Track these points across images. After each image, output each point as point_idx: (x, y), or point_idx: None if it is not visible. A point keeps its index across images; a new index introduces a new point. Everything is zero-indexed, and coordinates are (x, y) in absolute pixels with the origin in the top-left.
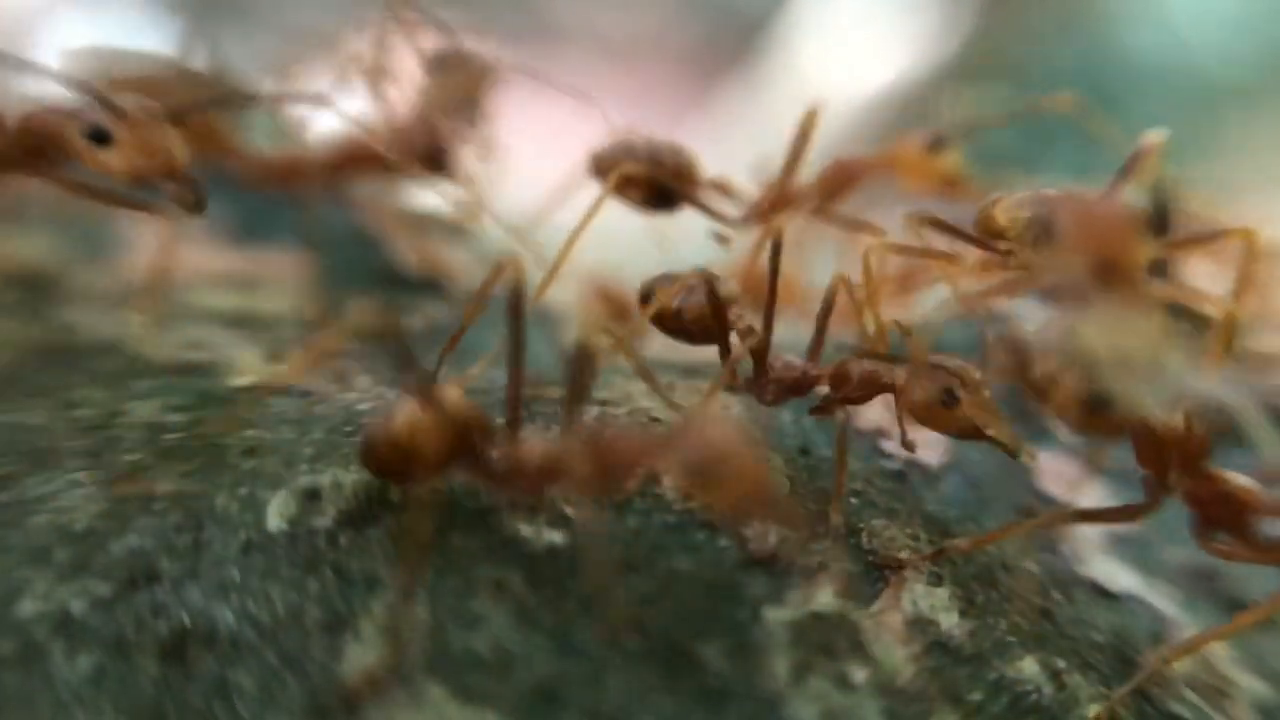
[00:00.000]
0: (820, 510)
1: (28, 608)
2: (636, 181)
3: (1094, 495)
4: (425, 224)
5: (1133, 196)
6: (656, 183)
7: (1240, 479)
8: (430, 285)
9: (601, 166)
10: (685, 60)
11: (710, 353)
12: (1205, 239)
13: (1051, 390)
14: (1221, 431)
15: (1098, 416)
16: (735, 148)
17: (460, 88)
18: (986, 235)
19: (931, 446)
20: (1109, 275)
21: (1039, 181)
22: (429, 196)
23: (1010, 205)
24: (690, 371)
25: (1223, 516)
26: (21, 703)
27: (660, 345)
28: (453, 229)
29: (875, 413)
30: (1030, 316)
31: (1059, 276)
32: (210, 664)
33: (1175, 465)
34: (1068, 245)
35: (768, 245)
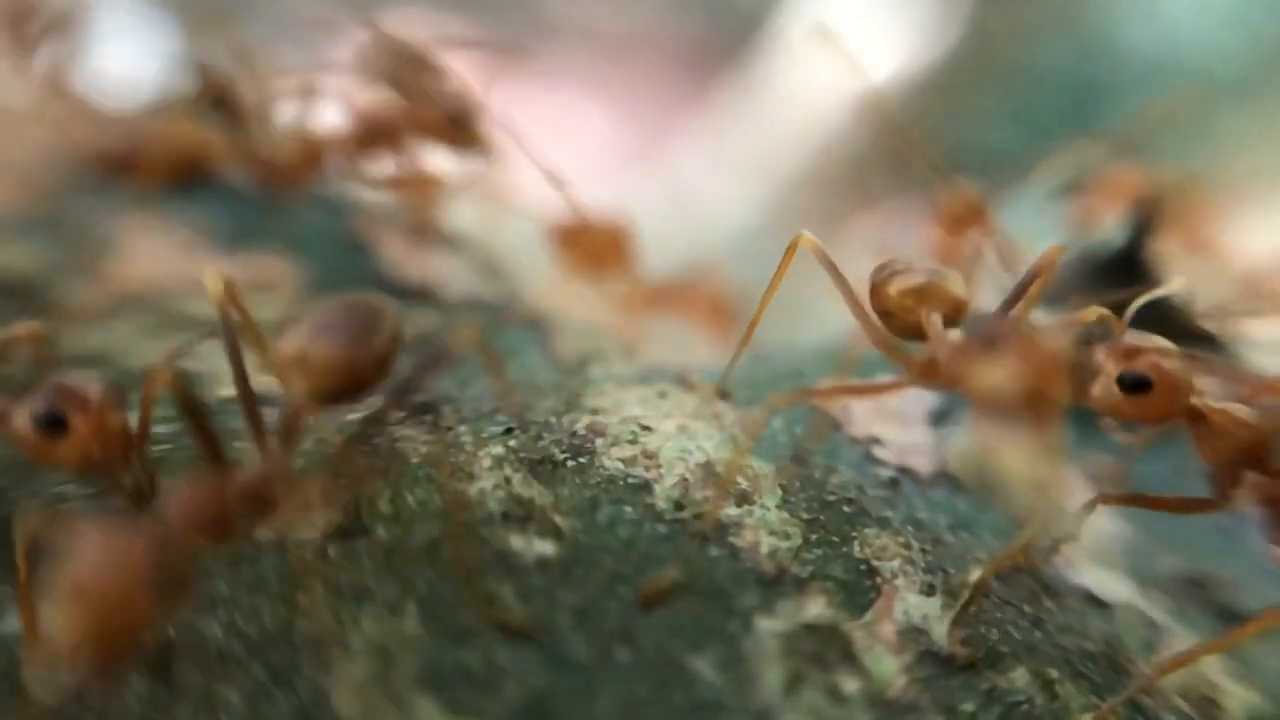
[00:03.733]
0: (813, 518)
1: (12, 624)
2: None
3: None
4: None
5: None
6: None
7: None
8: (422, 293)
9: None
10: (681, 57)
11: (706, 359)
12: None
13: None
14: None
15: (1135, 400)
16: (731, 144)
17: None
18: (876, 305)
19: (924, 454)
20: (1035, 405)
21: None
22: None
23: (903, 286)
24: (683, 380)
25: None
26: None
27: (659, 351)
28: (447, 235)
29: (869, 420)
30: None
31: (993, 396)
32: (197, 679)
33: (1243, 461)
34: (1006, 370)
35: None
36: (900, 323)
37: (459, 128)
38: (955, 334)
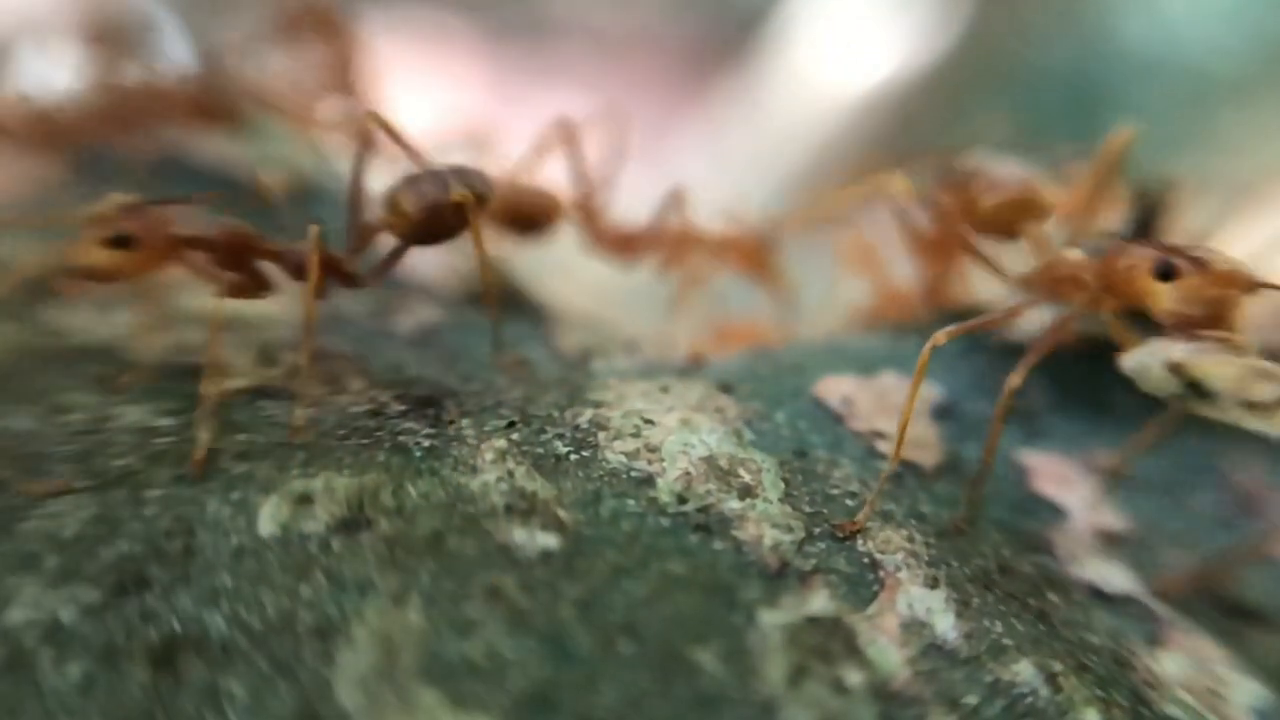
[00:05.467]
0: (816, 512)
1: (17, 615)
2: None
3: (1087, 496)
4: None
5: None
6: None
7: None
8: (420, 287)
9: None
10: (681, 56)
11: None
12: None
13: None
14: None
15: None
16: (730, 143)
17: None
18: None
19: (926, 448)
20: (1224, 317)
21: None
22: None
23: (1000, 199)
24: (685, 374)
25: None
26: (9, 712)
27: (657, 346)
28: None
29: (872, 414)
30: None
31: (1180, 315)
32: (201, 671)
33: None
34: (1191, 292)
35: None
36: (997, 233)
37: (761, 260)
38: (1076, 252)
